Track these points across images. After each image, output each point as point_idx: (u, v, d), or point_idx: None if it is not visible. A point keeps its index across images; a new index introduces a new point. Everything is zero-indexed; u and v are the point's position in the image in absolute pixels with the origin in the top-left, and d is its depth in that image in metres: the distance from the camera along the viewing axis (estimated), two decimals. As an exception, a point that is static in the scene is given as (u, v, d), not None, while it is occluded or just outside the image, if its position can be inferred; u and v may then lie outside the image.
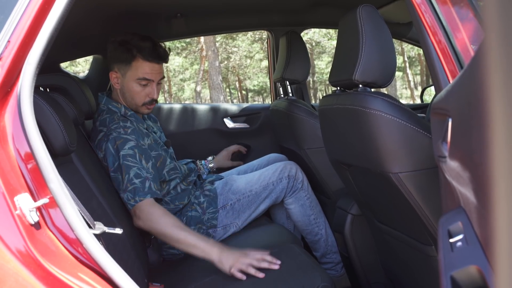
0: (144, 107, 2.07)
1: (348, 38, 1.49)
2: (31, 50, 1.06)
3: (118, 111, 2.02)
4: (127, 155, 1.84)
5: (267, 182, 2.20)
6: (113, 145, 1.86)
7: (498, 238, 0.26)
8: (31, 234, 0.98)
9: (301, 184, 2.23)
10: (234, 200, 2.16)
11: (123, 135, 1.88)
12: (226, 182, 2.25)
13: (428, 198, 1.34)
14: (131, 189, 1.79)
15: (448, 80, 1.17)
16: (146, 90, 2.03)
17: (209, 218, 2.10)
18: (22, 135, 1.03)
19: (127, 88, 2.03)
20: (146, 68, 2.00)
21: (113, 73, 2.05)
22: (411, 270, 1.67)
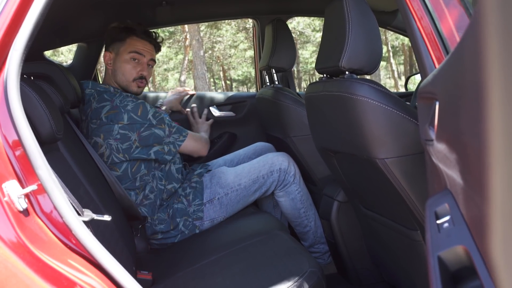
0: (134, 84, 2.18)
1: (335, 25, 1.50)
2: (17, 36, 1.05)
3: (108, 89, 2.12)
4: (155, 112, 2.06)
5: (257, 176, 2.18)
6: (136, 113, 2.02)
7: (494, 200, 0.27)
8: (19, 221, 0.97)
9: (293, 178, 2.22)
10: (221, 194, 2.15)
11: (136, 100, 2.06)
12: (214, 174, 2.24)
13: (413, 183, 1.36)
14: (174, 130, 2.11)
15: (435, 66, 1.18)
16: (137, 66, 2.16)
17: (195, 211, 2.10)
18: (9, 122, 1.02)
19: (118, 65, 2.15)
20: (138, 44, 2.16)
21: (107, 53, 2.19)
22: (397, 255, 1.70)
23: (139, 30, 2.17)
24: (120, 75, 2.17)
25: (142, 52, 2.17)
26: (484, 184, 0.27)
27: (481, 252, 0.33)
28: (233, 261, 1.62)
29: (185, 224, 2.06)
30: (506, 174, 0.26)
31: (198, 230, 2.08)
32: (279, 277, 1.44)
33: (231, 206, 2.15)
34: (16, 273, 0.91)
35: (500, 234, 0.27)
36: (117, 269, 1.06)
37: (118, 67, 2.16)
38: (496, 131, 0.26)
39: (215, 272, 1.58)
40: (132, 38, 2.16)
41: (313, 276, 1.46)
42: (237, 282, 1.48)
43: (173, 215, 2.07)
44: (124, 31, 2.15)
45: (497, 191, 0.27)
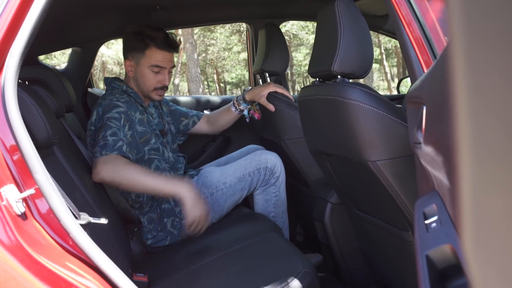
0: (155, 93, 2.18)
1: (327, 30, 1.52)
2: (13, 42, 1.07)
3: (120, 88, 2.14)
4: (112, 117, 1.94)
5: (243, 173, 2.15)
6: (102, 109, 1.97)
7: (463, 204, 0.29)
8: (18, 224, 0.99)
9: (275, 180, 2.18)
10: (207, 194, 2.11)
11: (115, 101, 2.00)
12: (201, 175, 2.21)
13: (404, 184, 1.39)
14: (102, 144, 1.86)
15: (423, 70, 1.21)
16: (158, 77, 2.15)
17: (181, 210, 2.05)
18: (7, 127, 1.04)
19: (140, 75, 2.14)
20: (158, 56, 2.12)
21: (127, 61, 2.17)
22: (389, 255, 1.72)
23: (158, 40, 2.11)
24: (141, 84, 2.16)
25: (163, 65, 2.15)
26: (456, 185, 0.30)
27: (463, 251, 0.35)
28: (228, 263, 1.64)
29: (173, 224, 2.04)
30: (471, 174, 0.28)
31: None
32: (273, 278, 1.46)
33: (218, 206, 2.12)
34: (15, 276, 0.93)
35: (470, 233, 0.29)
36: (114, 271, 1.08)
37: (139, 77, 2.15)
38: (463, 133, 0.29)
39: (210, 274, 1.60)
40: (151, 49, 2.12)
41: (307, 276, 1.48)
42: (232, 283, 1.50)
43: (161, 216, 2.06)
44: (143, 41, 2.11)
45: (464, 191, 0.29)
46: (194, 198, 1.81)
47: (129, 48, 2.16)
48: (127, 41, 2.18)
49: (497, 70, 0.27)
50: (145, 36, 2.10)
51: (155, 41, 2.11)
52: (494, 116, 0.27)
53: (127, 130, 1.95)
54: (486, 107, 0.28)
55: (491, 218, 0.28)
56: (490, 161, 0.27)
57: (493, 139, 0.28)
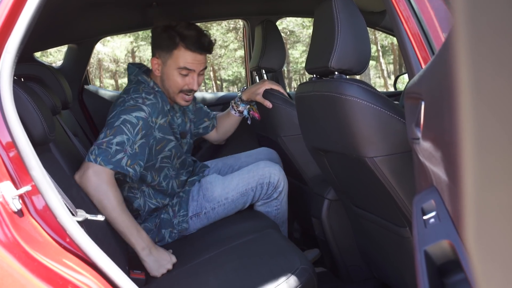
0: (180, 96, 2.00)
1: (324, 26, 1.52)
2: (9, 38, 1.06)
3: (147, 84, 1.97)
4: (128, 121, 1.76)
5: (245, 189, 2.04)
6: (123, 108, 1.80)
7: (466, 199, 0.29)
8: (14, 221, 0.99)
9: (278, 194, 2.09)
10: (208, 209, 2.02)
11: (140, 103, 1.82)
12: (202, 185, 2.09)
13: (402, 181, 1.39)
14: (103, 148, 1.71)
15: (421, 66, 1.21)
16: (186, 80, 1.97)
17: (179, 222, 1.99)
18: (3, 124, 1.04)
19: (167, 76, 1.96)
20: (188, 57, 1.93)
21: (154, 59, 1.99)
22: (386, 252, 1.73)
23: (189, 40, 1.92)
24: (167, 86, 1.98)
25: (191, 67, 1.95)
26: (458, 179, 0.30)
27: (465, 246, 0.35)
28: (226, 259, 1.64)
29: (171, 235, 1.96)
30: (474, 170, 0.28)
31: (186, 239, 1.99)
32: (271, 275, 1.46)
33: (219, 219, 2.06)
34: (12, 273, 0.93)
35: (473, 228, 0.29)
36: (111, 268, 1.07)
37: (166, 78, 1.98)
38: (466, 130, 0.28)
39: (208, 271, 1.59)
40: (180, 49, 1.92)
41: (304, 273, 1.48)
42: (229, 280, 1.50)
43: (159, 226, 1.97)
44: (172, 39, 1.92)
45: (468, 186, 0.29)
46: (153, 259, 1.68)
47: (156, 45, 1.99)
48: (155, 37, 1.99)
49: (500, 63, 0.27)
50: (174, 33, 1.92)
51: (185, 41, 1.91)
52: (497, 110, 0.27)
53: (139, 139, 1.78)
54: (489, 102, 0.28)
55: (494, 212, 0.27)
56: (493, 156, 0.27)
57: (496, 133, 0.27)
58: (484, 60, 0.27)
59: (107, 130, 1.76)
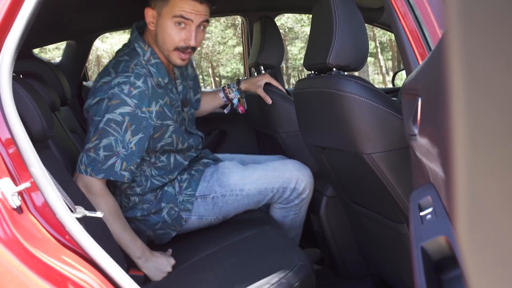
0: (176, 54, 1.75)
1: (322, 22, 1.52)
2: (8, 34, 1.06)
3: (142, 54, 1.75)
4: (112, 120, 1.61)
5: (265, 187, 1.87)
6: (107, 102, 1.63)
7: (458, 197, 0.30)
8: (13, 218, 0.99)
9: (300, 201, 1.94)
10: (218, 193, 1.85)
11: (125, 95, 1.62)
12: (217, 169, 1.92)
13: (400, 177, 1.39)
14: (91, 157, 1.60)
15: (418, 62, 1.21)
16: (182, 33, 1.71)
17: (183, 201, 1.84)
18: (2, 120, 1.04)
19: (161, 29, 1.72)
20: (185, 5, 1.67)
21: (149, 9, 1.74)
22: (384, 248, 1.73)
23: None
24: (161, 41, 1.74)
25: (189, 17, 1.68)
26: (451, 176, 0.30)
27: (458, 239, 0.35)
28: (224, 256, 1.64)
29: (169, 212, 1.81)
30: (466, 163, 0.29)
31: (184, 222, 1.85)
32: (269, 271, 1.46)
33: (226, 210, 1.88)
34: (11, 269, 0.93)
35: (465, 224, 0.29)
36: (109, 265, 1.08)
37: (160, 31, 1.72)
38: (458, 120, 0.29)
39: (206, 268, 1.60)
40: None
41: (303, 269, 1.49)
42: (228, 276, 1.51)
43: (160, 198, 1.82)
44: None
45: (459, 179, 0.29)
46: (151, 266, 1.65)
47: None
48: None
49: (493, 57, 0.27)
50: None
51: None
52: (490, 101, 0.28)
53: (130, 136, 1.63)
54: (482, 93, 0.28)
55: (486, 203, 0.28)
56: (485, 146, 0.28)
57: (489, 123, 0.28)
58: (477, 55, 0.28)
59: (93, 131, 1.63)
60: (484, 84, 0.27)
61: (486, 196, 0.28)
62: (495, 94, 0.27)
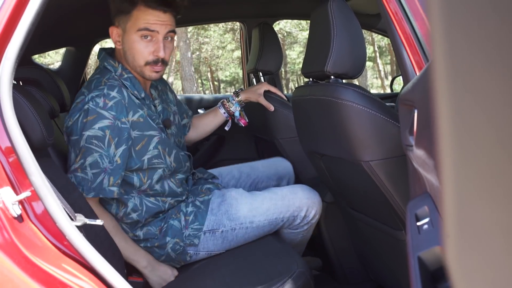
0: (148, 69, 1.69)
1: (320, 30, 1.54)
2: (9, 44, 1.07)
3: (114, 71, 1.71)
4: (93, 137, 1.55)
5: (275, 217, 1.81)
6: (83, 119, 1.56)
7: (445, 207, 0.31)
8: (14, 227, 1.00)
9: (309, 226, 1.90)
10: (228, 227, 1.75)
11: (100, 109, 1.57)
12: (225, 200, 1.81)
13: (398, 184, 1.40)
14: (79, 177, 1.56)
15: (414, 70, 1.23)
16: (150, 46, 1.67)
17: (190, 235, 1.73)
18: (2, 129, 1.05)
19: (128, 45, 1.68)
20: (148, 16, 1.63)
21: (113, 28, 1.71)
22: (382, 254, 1.74)
23: None
24: (131, 58, 1.69)
25: (154, 28, 1.64)
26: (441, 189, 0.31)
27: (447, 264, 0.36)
28: (223, 263, 1.65)
29: (174, 247, 1.72)
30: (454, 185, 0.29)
31: (189, 258, 1.74)
32: (268, 278, 1.47)
33: (235, 243, 1.78)
34: (12, 278, 0.94)
35: (453, 238, 0.30)
36: (109, 272, 1.08)
37: (127, 48, 1.69)
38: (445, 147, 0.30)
39: (205, 274, 1.61)
40: (139, 9, 1.63)
41: (302, 276, 1.49)
42: (227, 283, 1.51)
43: (165, 232, 1.74)
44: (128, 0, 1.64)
45: (447, 197, 0.30)
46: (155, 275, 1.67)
47: (114, 10, 1.70)
48: (112, 4, 1.71)
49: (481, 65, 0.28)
50: None
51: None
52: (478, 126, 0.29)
53: (114, 149, 1.58)
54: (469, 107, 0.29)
55: (475, 228, 0.29)
56: (474, 170, 0.29)
57: (477, 148, 0.29)
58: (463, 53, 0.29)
59: (76, 151, 1.58)
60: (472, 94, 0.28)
61: (475, 221, 0.29)
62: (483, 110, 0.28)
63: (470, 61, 0.28)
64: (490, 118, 0.28)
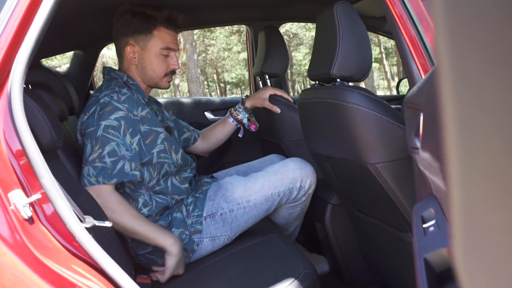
0: (165, 79, 1.94)
1: (326, 34, 1.55)
2: (20, 49, 1.09)
3: (120, 78, 1.89)
4: (109, 126, 1.67)
5: (271, 193, 1.87)
6: (99, 110, 1.71)
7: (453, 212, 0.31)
8: (25, 228, 1.01)
9: (306, 197, 1.97)
10: (226, 209, 1.83)
11: (115, 102, 1.72)
12: (221, 186, 1.91)
13: (403, 186, 1.41)
14: (98, 167, 1.63)
15: (420, 73, 1.23)
16: (167, 60, 1.92)
17: (193, 223, 1.82)
18: (13, 133, 1.06)
19: (148, 61, 1.89)
20: (167, 36, 1.89)
21: (128, 47, 1.88)
22: (389, 256, 1.74)
23: (165, 18, 1.87)
24: (150, 72, 1.90)
25: (173, 47, 1.91)
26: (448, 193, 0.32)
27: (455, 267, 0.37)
28: (229, 264, 1.66)
29: (180, 237, 1.77)
30: (461, 192, 0.30)
31: (196, 246, 1.80)
32: (274, 279, 1.48)
33: (237, 225, 1.84)
34: (23, 279, 0.95)
35: (460, 242, 0.31)
36: (118, 273, 1.10)
37: (147, 63, 1.89)
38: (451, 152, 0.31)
39: (212, 276, 1.62)
40: (159, 29, 1.86)
41: (308, 277, 1.50)
42: (233, 285, 1.52)
43: (170, 225, 1.82)
44: (147, 21, 1.85)
45: (455, 208, 0.31)
46: (180, 257, 1.66)
47: (130, 31, 1.87)
48: (126, 24, 1.87)
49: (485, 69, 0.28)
50: (148, 16, 1.85)
51: (163, 20, 1.86)
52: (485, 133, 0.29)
53: (130, 138, 1.70)
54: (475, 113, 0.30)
55: (482, 236, 0.29)
56: (481, 177, 0.29)
57: (484, 155, 0.30)
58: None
59: (92, 142, 1.67)
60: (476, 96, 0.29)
61: (482, 228, 0.29)
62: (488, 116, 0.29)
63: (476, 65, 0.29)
64: (496, 122, 0.29)
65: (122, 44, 1.90)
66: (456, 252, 0.31)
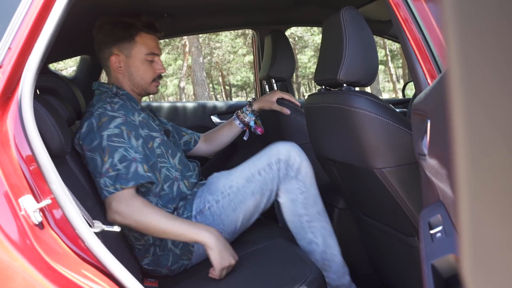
0: (153, 84, 1.95)
1: (332, 39, 1.55)
2: (30, 56, 1.10)
3: (110, 91, 1.89)
4: (112, 135, 1.66)
5: (251, 172, 1.78)
6: (97, 122, 1.69)
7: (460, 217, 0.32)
8: (35, 233, 1.02)
9: (296, 172, 1.77)
10: (212, 202, 1.79)
11: (109, 112, 1.72)
12: (206, 183, 1.89)
13: (410, 191, 1.41)
14: (113, 175, 1.61)
15: (426, 78, 1.24)
16: (153, 65, 1.94)
17: None
18: (24, 138, 1.08)
19: (135, 68, 1.91)
20: (150, 41, 1.91)
21: (113, 57, 1.90)
22: (396, 260, 1.75)
23: (145, 24, 1.90)
24: (139, 78, 1.91)
25: (156, 52, 1.93)
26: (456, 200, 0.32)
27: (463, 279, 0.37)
28: (236, 268, 1.66)
29: (174, 242, 1.75)
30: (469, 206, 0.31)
31: (192, 248, 1.76)
32: (281, 284, 1.48)
33: (226, 216, 1.78)
34: (34, 284, 0.96)
35: (467, 254, 0.32)
36: (126, 278, 1.11)
37: (134, 71, 1.90)
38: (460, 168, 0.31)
39: (219, 280, 1.62)
40: (141, 35, 1.88)
41: (315, 282, 1.50)
42: (240, 288, 1.53)
43: None
44: (130, 29, 1.87)
45: (462, 211, 0.32)
46: (221, 246, 1.58)
47: (113, 41, 1.88)
48: (108, 34, 1.89)
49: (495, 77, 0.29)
50: (128, 24, 1.88)
51: (143, 26, 1.89)
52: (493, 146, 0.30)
53: (135, 141, 1.70)
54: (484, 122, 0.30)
55: (489, 249, 0.30)
56: (489, 192, 0.30)
57: (492, 168, 0.30)
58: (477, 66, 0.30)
59: (101, 154, 1.65)
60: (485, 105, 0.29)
61: (489, 241, 0.30)
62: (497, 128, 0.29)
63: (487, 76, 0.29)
64: (506, 135, 0.29)
65: (106, 55, 1.92)
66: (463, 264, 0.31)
